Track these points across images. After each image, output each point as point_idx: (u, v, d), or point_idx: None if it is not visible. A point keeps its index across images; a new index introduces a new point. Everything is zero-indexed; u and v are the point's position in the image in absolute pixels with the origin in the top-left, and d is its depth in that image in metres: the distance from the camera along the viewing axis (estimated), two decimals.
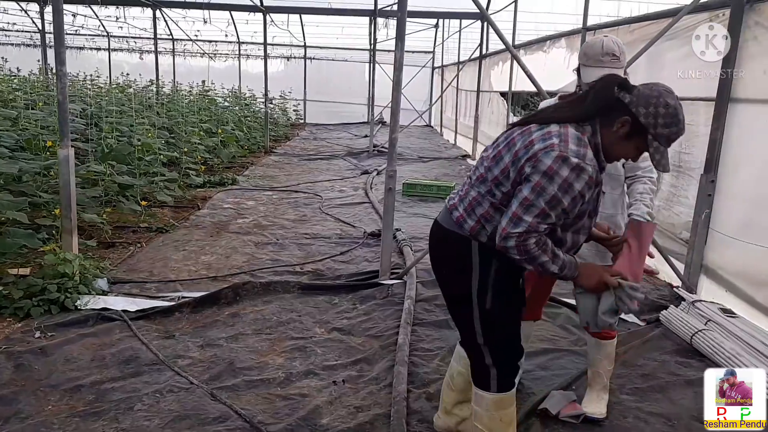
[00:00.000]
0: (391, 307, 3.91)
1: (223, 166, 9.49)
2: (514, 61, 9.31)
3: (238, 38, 18.80)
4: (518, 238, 1.83)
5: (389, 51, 16.27)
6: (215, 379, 2.99)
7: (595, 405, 2.73)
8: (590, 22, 6.26)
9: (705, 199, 4.11)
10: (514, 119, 10.44)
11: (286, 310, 3.85)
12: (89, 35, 18.89)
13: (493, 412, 2.15)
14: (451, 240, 2.07)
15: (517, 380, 2.83)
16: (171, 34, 18.21)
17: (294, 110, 18.75)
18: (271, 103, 15.64)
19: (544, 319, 3.64)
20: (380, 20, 12.56)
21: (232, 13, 15.19)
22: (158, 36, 13.56)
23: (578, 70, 2.56)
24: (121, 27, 15.40)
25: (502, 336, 2.12)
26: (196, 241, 5.52)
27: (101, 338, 3.40)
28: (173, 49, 18.59)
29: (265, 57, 12.53)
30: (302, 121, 19.54)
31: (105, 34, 18.98)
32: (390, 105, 4.18)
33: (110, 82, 15.93)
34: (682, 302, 4.05)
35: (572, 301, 4.10)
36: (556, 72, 7.50)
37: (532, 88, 9.33)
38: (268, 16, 12.27)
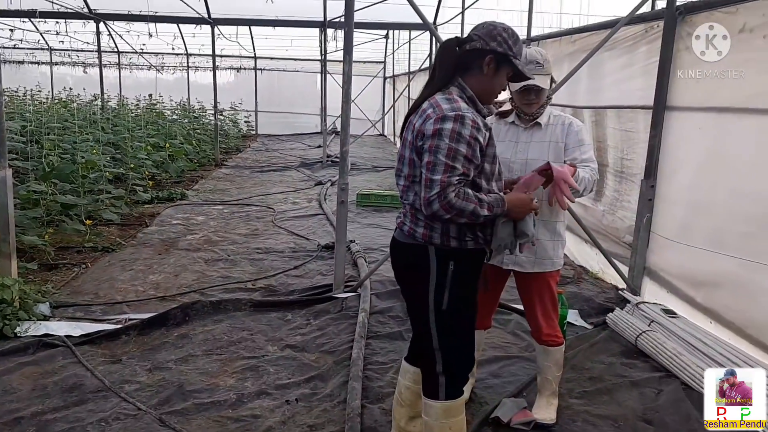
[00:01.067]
0: (346, 321, 3.90)
1: (172, 181, 9.30)
2: None
3: (186, 50, 18.49)
4: (438, 198, 1.91)
5: (341, 61, 16.36)
6: (164, 403, 2.92)
7: (545, 411, 2.78)
8: (534, 33, 6.42)
9: (646, 204, 4.25)
10: None
11: (238, 329, 3.79)
12: (29, 49, 18.25)
13: (443, 421, 2.17)
14: (409, 253, 2.14)
15: (468, 390, 2.87)
16: (116, 47, 17.78)
17: (245, 121, 18.53)
18: (221, 115, 15.45)
19: (495, 326, 3.70)
20: (330, 31, 12.57)
21: (180, 25, 14.93)
22: (102, 49, 13.20)
23: None
24: (62, 41, 14.91)
25: (456, 342, 2.16)
26: (143, 259, 5.38)
27: (43, 366, 3.27)
28: (119, 62, 18.14)
29: (214, 69, 12.37)
30: (254, 132, 19.31)
31: (46, 47, 18.38)
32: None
33: (52, 97, 15.43)
34: (627, 304, 4.18)
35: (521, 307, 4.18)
36: None
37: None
38: (216, 28, 12.12)
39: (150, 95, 12.68)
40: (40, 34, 16.82)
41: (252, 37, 17.74)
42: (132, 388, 3.07)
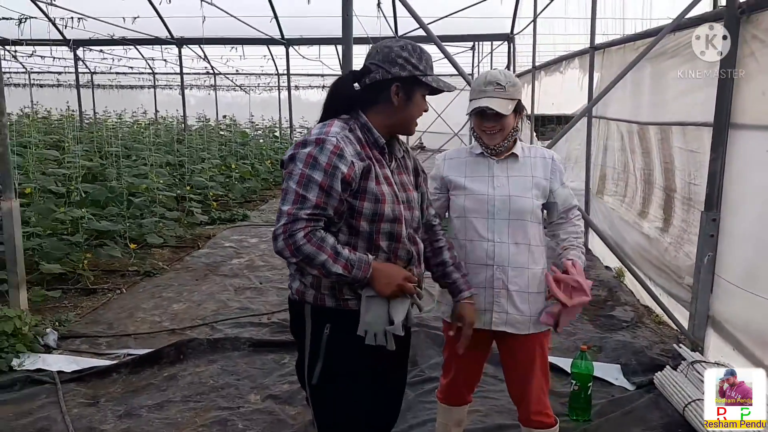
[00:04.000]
0: None
1: (238, 202, 9.38)
2: (535, 83, 8.87)
3: (277, 70, 19.03)
4: (284, 234, 1.58)
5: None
6: None
7: None
8: (598, 40, 5.77)
9: (707, 240, 3.54)
10: (536, 141, 9.93)
11: (227, 373, 3.54)
12: (136, 74, 19.57)
13: None
14: (291, 312, 1.82)
15: None
16: (213, 69, 18.64)
17: None
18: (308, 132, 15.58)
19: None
20: None
21: (269, 47, 15.36)
22: (196, 72, 13.86)
23: None
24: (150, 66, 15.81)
25: (334, 420, 1.77)
26: (178, 285, 5.33)
27: (21, 405, 3.19)
28: (215, 84, 19.00)
29: (289, 87, 12.54)
30: None
31: (150, 71, 19.63)
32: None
33: (156, 119, 16.35)
34: (682, 362, 3.48)
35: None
36: (572, 93, 7.00)
37: (552, 111, 8.80)
38: (291, 48, 12.29)
39: (224, 116, 13.03)
40: (146, 60, 17.98)
41: (339, 56, 17.92)
42: None
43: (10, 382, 3.38)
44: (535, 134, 9.70)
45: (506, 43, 11.91)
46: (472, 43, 16.21)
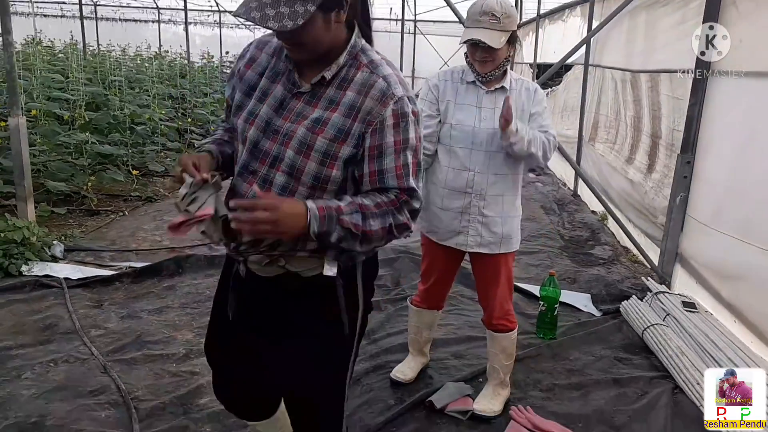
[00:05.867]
0: None
1: None
2: (539, 31, 8.86)
3: None
4: None
5: (433, 21, 15.80)
6: (118, 351, 2.97)
7: (488, 402, 2.52)
8: None
9: (681, 182, 3.73)
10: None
11: None
12: (139, 7, 19.32)
13: None
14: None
15: (414, 369, 2.69)
16: (218, 5, 18.38)
17: None
18: None
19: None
20: None
21: None
22: (189, 8, 13.68)
23: None
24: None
25: None
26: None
27: (31, 305, 3.44)
28: (219, 21, 18.78)
29: None
30: None
31: (154, 6, 19.38)
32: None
33: (160, 53, 16.25)
34: (648, 293, 3.72)
35: (523, 285, 3.85)
36: (573, 41, 7.03)
37: (554, 60, 8.83)
38: None
39: (227, 52, 12.99)
40: None
41: None
42: (97, 333, 3.15)
43: (20, 284, 3.63)
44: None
45: None
46: None
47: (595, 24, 6.10)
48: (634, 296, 3.70)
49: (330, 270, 1.46)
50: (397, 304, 3.53)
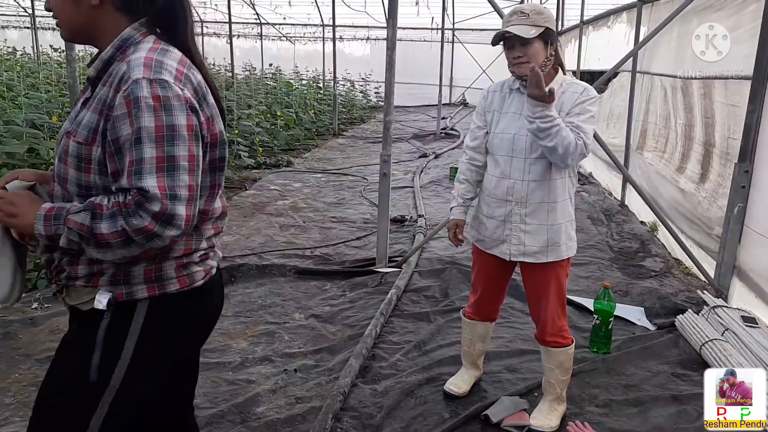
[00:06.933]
0: (379, 296, 3.80)
1: (282, 149, 9.66)
2: (582, 38, 8.76)
3: (322, 21, 19.01)
4: None
5: (471, 30, 15.81)
6: None
7: (544, 417, 2.50)
8: None
9: (738, 192, 3.63)
10: None
11: (274, 294, 3.85)
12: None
13: None
14: None
15: (468, 383, 2.68)
16: (260, 17, 18.73)
17: (375, 92, 18.73)
18: (352, 86, 15.75)
19: None
20: None
21: None
22: (246, 21, 13.99)
23: None
24: (205, 12, 16.02)
25: None
26: (227, 220, 5.65)
27: None
28: (260, 33, 19.12)
29: (334, 39, 12.65)
30: (383, 103, 19.50)
31: (198, 20, 19.87)
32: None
33: None
34: (705, 307, 3.62)
35: (574, 298, 3.80)
36: (618, 48, 6.93)
37: (598, 67, 8.70)
38: None
39: (270, 64, 13.21)
40: (194, 9, 18.16)
41: (384, 7, 17.75)
42: None
43: None
44: None
45: None
46: None
47: (642, 30, 6.01)
48: (689, 310, 3.61)
49: (100, 303, 1.30)
50: (446, 316, 3.52)
